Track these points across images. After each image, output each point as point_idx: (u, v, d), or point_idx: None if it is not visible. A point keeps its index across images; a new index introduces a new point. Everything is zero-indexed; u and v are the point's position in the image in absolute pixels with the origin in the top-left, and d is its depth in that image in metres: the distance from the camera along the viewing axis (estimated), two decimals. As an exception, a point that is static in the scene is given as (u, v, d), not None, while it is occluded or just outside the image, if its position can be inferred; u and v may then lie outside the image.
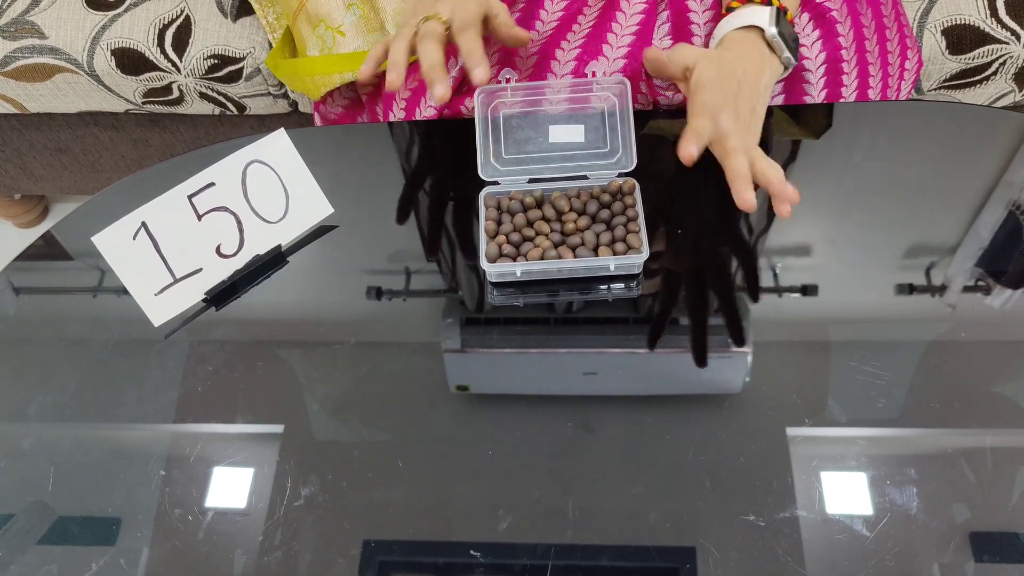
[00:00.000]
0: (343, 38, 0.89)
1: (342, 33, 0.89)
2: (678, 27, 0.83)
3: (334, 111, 0.97)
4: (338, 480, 0.64)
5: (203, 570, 0.61)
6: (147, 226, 0.69)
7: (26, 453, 0.68)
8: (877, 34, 0.87)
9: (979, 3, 1.03)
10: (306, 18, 0.91)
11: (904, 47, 0.90)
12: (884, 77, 0.87)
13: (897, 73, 0.89)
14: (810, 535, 0.59)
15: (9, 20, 1.12)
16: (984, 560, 0.58)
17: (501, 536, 0.61)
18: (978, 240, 0.75)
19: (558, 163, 0.75)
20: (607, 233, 0.72)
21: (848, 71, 0.84)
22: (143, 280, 0.70)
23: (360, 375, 0.71)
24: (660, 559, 0.59)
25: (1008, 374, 0.68)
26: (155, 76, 1.13)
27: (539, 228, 0.73)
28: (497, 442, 0.66)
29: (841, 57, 0.84)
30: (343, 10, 0.89)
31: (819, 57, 0.84)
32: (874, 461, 0.63)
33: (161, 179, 0.73)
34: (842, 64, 0.84)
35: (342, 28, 0.89)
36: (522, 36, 0.79)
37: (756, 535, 0.60)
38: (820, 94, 0.84)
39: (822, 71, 0.84)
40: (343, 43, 0.89)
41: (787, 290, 0.73)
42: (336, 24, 0.89)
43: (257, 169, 0.73)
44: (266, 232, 0.75)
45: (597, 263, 0.71)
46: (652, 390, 0.69)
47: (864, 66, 0.85)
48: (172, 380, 0.70)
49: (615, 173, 0.75)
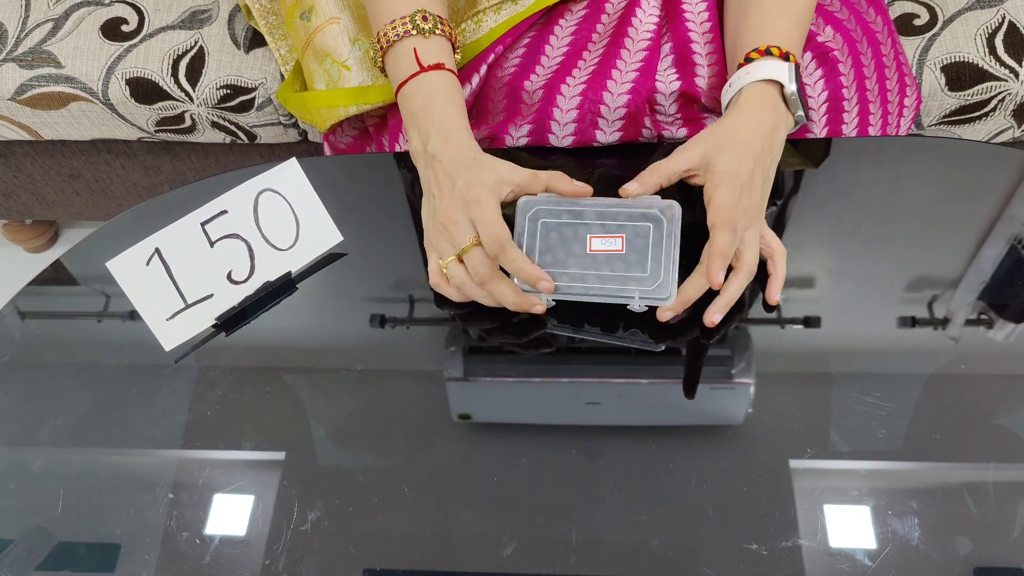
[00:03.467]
0: (348, 72, 0.91)
1: (347, 67, 0.91)
2: (681, 60, 0.84)
3: (343, 141, 0.98)
4: (341, 508, 0.64)
5: (208, 595, 0.61)
6: (160, 252, 0.71)
7: (34, 477, 0.68)
8: (876, 72, 0.88)
9: (978, 41, 1.05)
10: (313, 53, 0.93)
11: (903, 84, 0.91)
12: (884, 115, 0.88)
13: (896, 111, 0.90)
14: (812, 565, 0.60)
15: (27, 49, 1.14)
16: None
17: (503, 566, 0.61)
18: (980, 274, 0.76)
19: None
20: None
21: (849, 109, 0.86)
22: (155, 305, 0.71)
23: (364, 403, 0.71)
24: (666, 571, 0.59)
25: (1010, 407, 0.68)
26: (168, 105, 1.15)
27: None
28: (499, 471, 0.66)
29: (842, 96, 0.85)
30: (349, 45, 0.91)
31: (821, 96, 0.85)
32: (876, 492, 0.63)
33: (171, 207, 0.74)
34: (843, 103, 0.85)
35: (347, 63, 0.91)
36: (577, 189, 0.72)
37: (758, 564, 0.60)
38: (822, 131, 0.85)
39: (824, 108, 0.85)
40: (348, 77, 0.91)
41: (790, 322, 0.74)
42: (342, 58, 0.91)
43: (269, 197, 0.75)
44: (276, 259, 0.76)
45: (622, 293, 0.69)
46: (655, 420, 0.70)
47: (864, 104, 0.87)
48: (179, 406, 0.71)
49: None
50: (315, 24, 0.92)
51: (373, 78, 0.90)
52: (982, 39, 1.04)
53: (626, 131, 0.85)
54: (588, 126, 0.85)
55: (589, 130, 0.85)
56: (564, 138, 0.86)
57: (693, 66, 0.84)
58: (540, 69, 0.86)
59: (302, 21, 0.93)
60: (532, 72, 0.86)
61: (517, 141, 0.87)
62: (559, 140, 0.86)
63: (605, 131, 0.85)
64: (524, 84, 0.85)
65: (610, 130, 0.85)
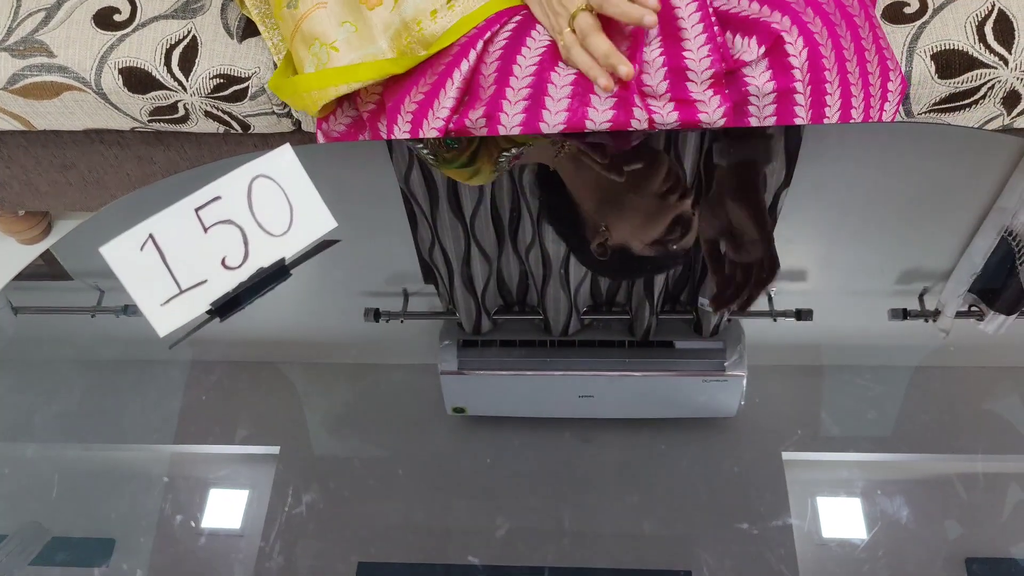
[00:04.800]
0: (337, 53, 0.92)
1: (335, 49, 0.91)
2: (667, 31, 0.85)
3: (336, 129, 0.98)
4: (335, 501, 0.64)
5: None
6: (154, 238, 0.70)
7: (26, 471, 0.68)
8: (857, 56, 0.89)
9: (967, 29, 1.05)
10: (301, 39, 0.93)
11: (885, 68, 0.91)
12: (866, 97, 0.89)
13: (879, 93, 0.90)
14: (803, 544, 0.60)
15: (19, 39, 1.14)
16: (974, 565, 0.59)
17: (496, 558, 0.61)
18: (971, 266, 0.76)
19: None
20: None
21: (831, 91, 0.86)
22: (149, 291, 0.71)
23: (358, 397, 0.71)
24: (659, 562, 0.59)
25: (998, 395, 0.68)
26: (161, 95, 1.14)
27: None
28: (493, 464, 0.66)
29: (824, 78, 0.85)
30: (336, 27, 0.91)
31: (807, 77, 0.85)
32: (867, 474, 0.63)
33: (163, 195, 0.74)
34: (825, 84, 0.85)
35: (335, 44, 0.91)
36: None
37: (749, 544, 0.60)
38: (807, 113, 0.85)
39: (809, 91, 0.85)
40: (337, 58, 0.91)
41: (782, 314, 0.74)
42: (330, 40, 0.91)
43: (262, 183, 0.74)
44: (270, 245, 0.76)
45: None
46: (648, 413, 0.70)
47: (846, 86, 0.87)
48: (172, 399, 0.71)
49: None
50: (302, 11, 0.92)
51: (362, 57, 0.90)
52: (972, 27, 1.05)
53: (617, 112, 0.85)
54: (581, 104, 0.85)
55: (582, 109, 0.85)
56: (557, 114, 0.86)
57: (680, 40, 0.84)
58: (531, 43, 0.87)
59: (289, 10, 0.94)
60: (523, 45, 0.87)
61: (512, 119, 0.87)
62: (552, 117, 0.86)
63: (598, 108, 0.85)
64: (516, 59, 0.86)
65: (602, 108, 0.85)
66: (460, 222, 0.82)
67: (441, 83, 0.88)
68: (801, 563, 0.59)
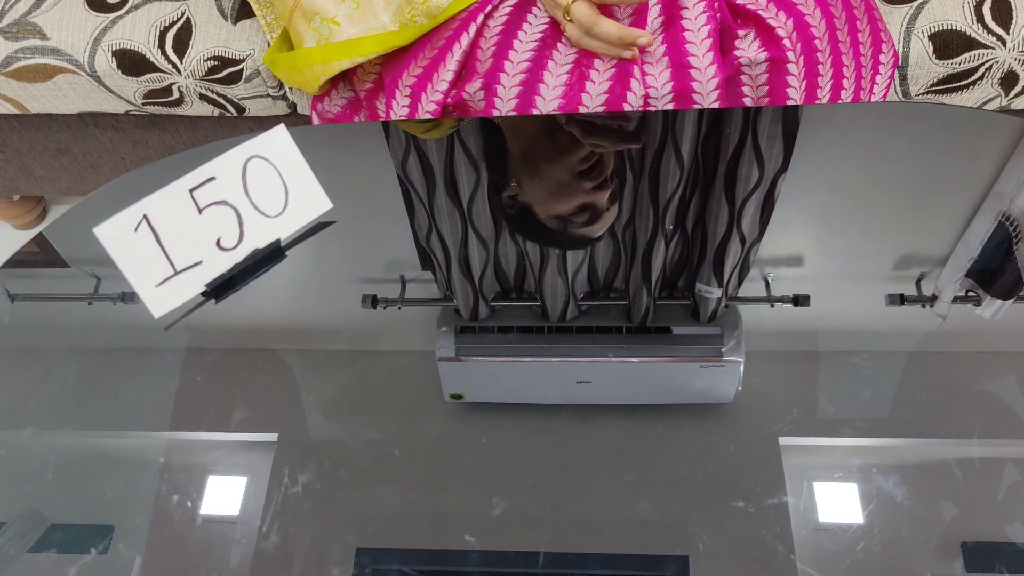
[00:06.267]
0: (338, 28, 0.91)
1: (337, 23, 0.91)
2: (668, 11, 0.85)
3: (332, 110, 0.98)
4: (333, 487, 0.64)
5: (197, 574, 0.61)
6: (148, 219, 0.70)
7: (23, 458, 0.68)
8: (848, 24, 0.88)
9: (965, 9, 1.04)
10: (301, 14, 0.93)
11: (878, 40, 0.91)
12: (857, 67, 0.88)
13: (870, 64, 0.90)
14: (799, 526, 0.60)
15: (11, 21, 1.13)
16: (969, 547, 0.59)
17: (493, 543, 0.61)
18: (968, 251, 0.76)
19: None
20: None
21: (823, 60, 0.85)
22: (144, 272, 0.71)
23: (356, 383, 0.71)
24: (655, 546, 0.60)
25: (995, 379, 0.68)
26: (155, 77, 1.13)
27: None
28: (491, 451, 0.66)
29: (815, 47, 0.85)
30: (337, 2, 0.91)
31: (797, 47, 0.85)
32: (863, 458, 0.64)
33: (157, 177, 0.73)
34: (817, 54, 0.85)
35: (336, 19, 0.91)
36: None
37: (746, 526, 0.60)
38: (801, 85, 0.85)
39: (802, 61, 0.85)
40: (338, 32, 0.91)
41: (779, 300, 0.74)
42: (331, 15, 0.91)
43: (257, 164, 0.74)
44: (265, 226, 0.75)
45: None
46: (646, 399, 0.70)
47: (837, 55, 0.86)
48: (170, 385, 0.71)
49: None
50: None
51: (364, 32, 0.90)
52: (969, 7, 1.04)
53: (613, 85, 0.85)
54: (579, 79, 0.85)
55: (579, 84, 0.85)
56: (554, 89, 0.85)
57: (680, 19, 0.84)
58: (532, 19, 0.87)
59: None
60: (524, 21, 0.86)
61: (509, 91, 0.86)
62: (549, 92, 0.85)
63: (595, 82, 0.85)
64: (518, 34, 0.86)
65: (600, 81, 0.85)
66: (457, 207, 0.82)
67: (440, 57, 0.87)
68: (797, 546, 0.59)
